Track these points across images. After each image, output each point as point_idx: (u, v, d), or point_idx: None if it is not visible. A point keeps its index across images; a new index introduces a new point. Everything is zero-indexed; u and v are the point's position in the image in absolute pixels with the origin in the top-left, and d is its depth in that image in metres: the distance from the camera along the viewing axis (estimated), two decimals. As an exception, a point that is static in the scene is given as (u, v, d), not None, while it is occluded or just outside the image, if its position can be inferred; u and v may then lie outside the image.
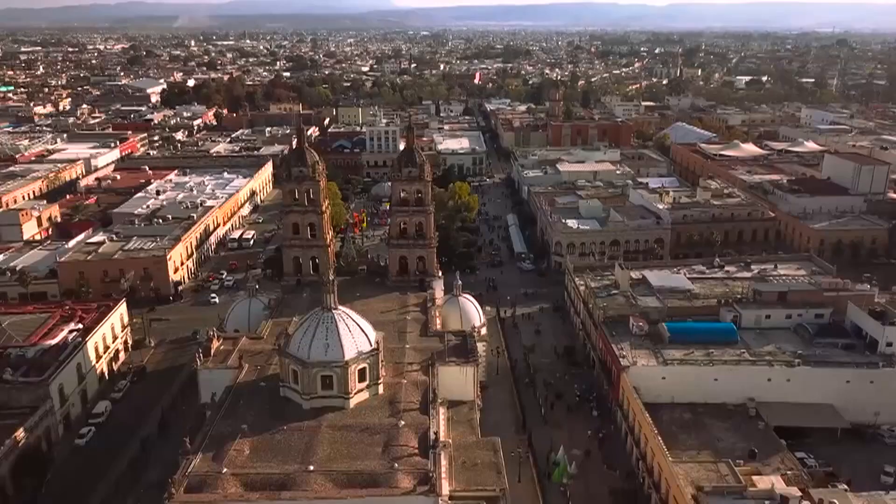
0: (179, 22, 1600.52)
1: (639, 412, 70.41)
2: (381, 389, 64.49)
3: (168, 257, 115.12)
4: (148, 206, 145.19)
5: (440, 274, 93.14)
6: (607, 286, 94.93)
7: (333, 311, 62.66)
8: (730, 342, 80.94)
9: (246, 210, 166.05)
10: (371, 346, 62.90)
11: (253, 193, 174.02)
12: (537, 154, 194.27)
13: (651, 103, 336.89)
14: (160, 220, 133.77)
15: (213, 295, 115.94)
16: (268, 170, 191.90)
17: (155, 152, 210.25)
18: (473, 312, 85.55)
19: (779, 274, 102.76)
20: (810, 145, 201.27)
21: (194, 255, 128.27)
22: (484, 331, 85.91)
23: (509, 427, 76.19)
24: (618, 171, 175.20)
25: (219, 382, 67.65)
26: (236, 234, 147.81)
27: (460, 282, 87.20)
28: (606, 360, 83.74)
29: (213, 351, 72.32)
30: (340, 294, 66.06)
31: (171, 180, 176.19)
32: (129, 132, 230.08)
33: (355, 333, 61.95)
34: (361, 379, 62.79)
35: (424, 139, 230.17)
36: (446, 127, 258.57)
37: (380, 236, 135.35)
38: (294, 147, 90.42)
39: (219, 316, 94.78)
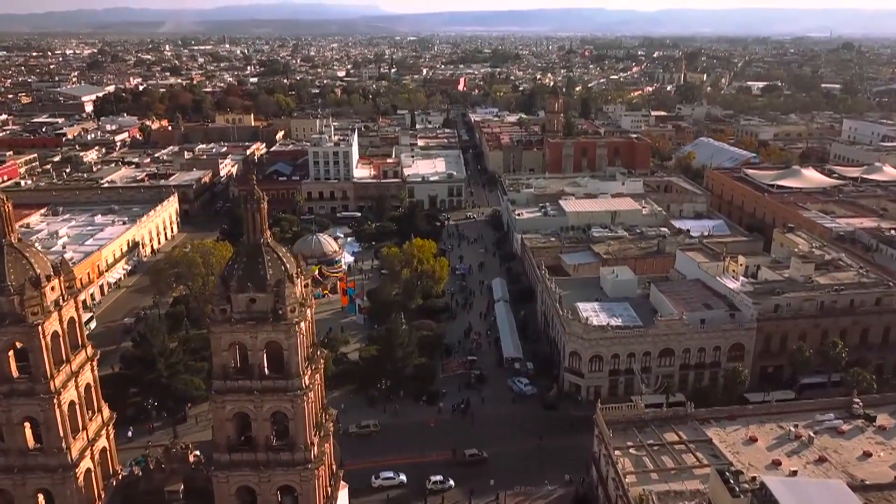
0: (165, 27, 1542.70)
1: None
2: None
3: None
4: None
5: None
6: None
7: None
8: None
9: (118, 272, 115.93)
10: None
11: (134, 245, 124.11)
12: (533, 186, 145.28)
13: (661, 113, 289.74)
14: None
15: None
16: (170, 207, 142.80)
17: (29, 182, 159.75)
18: None
19: None
20: (890, 171, 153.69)
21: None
22: None
23: None
24: (644, 211, 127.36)
25: None
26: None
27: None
28: None
29: None
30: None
31: (27, 226, 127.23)
32: (9, 153, 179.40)
33: None
34: None
35: (390, 160, 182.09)
36: (420, 143, 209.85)
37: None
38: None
39: None
